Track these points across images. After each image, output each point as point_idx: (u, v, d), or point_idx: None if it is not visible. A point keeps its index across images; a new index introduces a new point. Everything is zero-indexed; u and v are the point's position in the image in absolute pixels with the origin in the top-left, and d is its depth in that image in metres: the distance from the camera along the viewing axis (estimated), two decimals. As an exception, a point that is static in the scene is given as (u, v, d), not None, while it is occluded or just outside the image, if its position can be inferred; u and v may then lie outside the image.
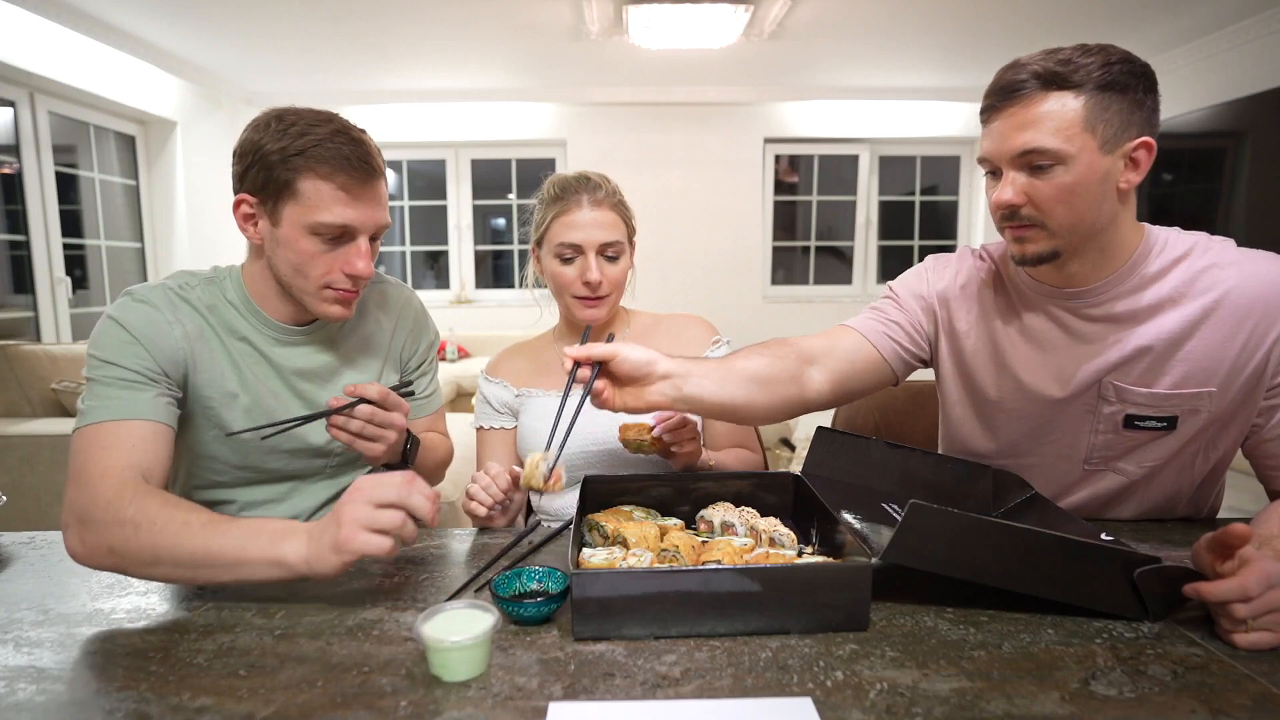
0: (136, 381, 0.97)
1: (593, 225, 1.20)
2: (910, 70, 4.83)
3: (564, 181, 1.25)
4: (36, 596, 0.85)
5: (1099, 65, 0.88)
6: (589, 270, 1.20)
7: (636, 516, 0.97)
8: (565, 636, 0.74)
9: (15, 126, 3.47)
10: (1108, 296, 1.00)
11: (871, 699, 0.63)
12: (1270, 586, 0.69)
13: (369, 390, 1.02)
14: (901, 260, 5.78)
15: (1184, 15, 3.75)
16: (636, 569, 0.79)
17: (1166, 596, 0.76)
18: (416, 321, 1.28)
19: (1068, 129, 0.89)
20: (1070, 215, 0.93)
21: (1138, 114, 0.90)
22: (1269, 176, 3.72)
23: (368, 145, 1.03)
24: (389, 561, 0.94)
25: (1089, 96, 0.89)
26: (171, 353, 1.01)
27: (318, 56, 4.34)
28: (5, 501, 1.09)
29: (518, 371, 1.33)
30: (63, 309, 3.73)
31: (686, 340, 1.32)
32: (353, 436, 1.03)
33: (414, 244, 5.73)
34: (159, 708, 0.63)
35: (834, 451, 1.09)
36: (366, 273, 1.04)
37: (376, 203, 1.04)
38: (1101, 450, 1.04)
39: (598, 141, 5.33)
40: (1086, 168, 0.90)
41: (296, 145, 0.98)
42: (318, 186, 0.99)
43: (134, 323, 1.00)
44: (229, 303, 1.09)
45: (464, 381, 4.58)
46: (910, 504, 0.75)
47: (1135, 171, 0.93)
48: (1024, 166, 0.93)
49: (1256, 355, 0.95)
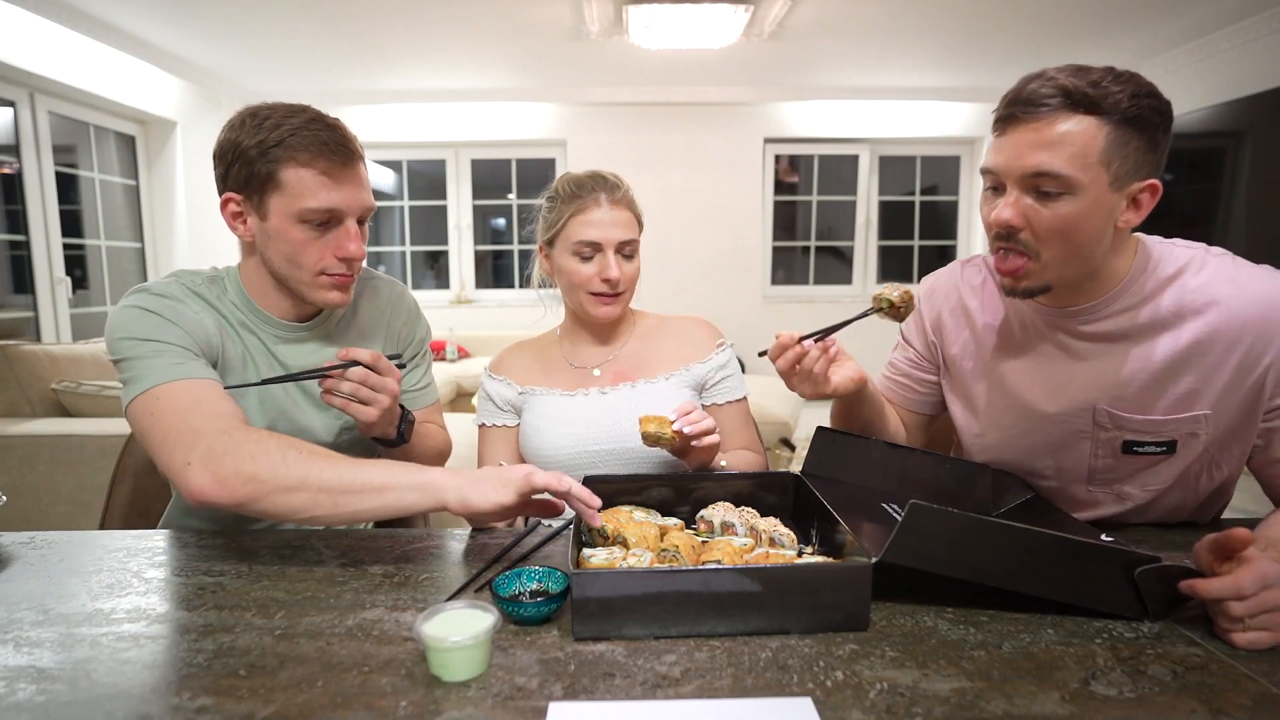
0: (188, 354, 0.98)
1: (611, 224, 1.21)
2: (910, 70, 4.83)
3: (580, 180, 1.25)
4: (36, 596, 0.85)
5: (1129, 95, 0.83)
6: (608, 268, 1.21)
7: (636, 517, 0.97)
8: (565, 636, 0.74)
9: (15, 126, 3.47)
10: (1100, 316, 0.97)
11: (871, 699, 0.63)
12: (1266, 586, 0.69)
13: (361, 354, 1.02)
14: (901, 260, 5.79)
15: (1184, 15, 3.74)
16: (637, 569, 0.79)
17: (1166, 596, 0.76)
18: (409, 315, 1.29)
19: (1085, 157, 0.84)
20: (1066, 249, 0.89)
21: (1152, 155, 0.86)
22: (1269, 176, 3.72)
23: (343, 130, 1.04)
24: (389, 561, 0.94)
25: (1113, 127, 0.83)
26: (206, 338, 1.03)
27: (318, 56, 4.34)
28: (5, 501, 1.09)
29: (522, 369, 1.33)
30: (63, 309, 3.73)
31: (692, 343, 1.32)
32: (345, 400, 1.03)
33: (414, 244, 5.73)
34: (159, 708, 0.63)
35: (834, 451, 1.09)
36: (358, 254, 1.05)
37: (359, 184, 1.05)
38: (1104, 474, 1.03)
39: (598, 141, 5.33)
40: (1094, 202, 0.86)
41: (274, 137, 0.99)
42: (299, 174, 1.00)
43: (165, 310, 1.00)
44: (231, 302, 1.10)
45: (464, 381, 4.58)
46: (910, 504, 0.75)
47: (1136, 213, 0.89)
48: (1031, 189, 0.88)
49: (1251, 377, 0.92)
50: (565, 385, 1.30)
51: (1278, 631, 0.70)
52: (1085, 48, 4.27)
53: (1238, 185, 3.90)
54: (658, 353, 1.31)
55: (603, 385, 1.29)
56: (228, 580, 0.89)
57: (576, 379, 1.30)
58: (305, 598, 0.84)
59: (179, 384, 0.93)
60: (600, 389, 1.28)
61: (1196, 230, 4.13)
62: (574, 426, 1.24)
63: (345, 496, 0.84)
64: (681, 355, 1.31)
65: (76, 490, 2.35)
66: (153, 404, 0.92)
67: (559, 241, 1.24)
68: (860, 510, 0.99)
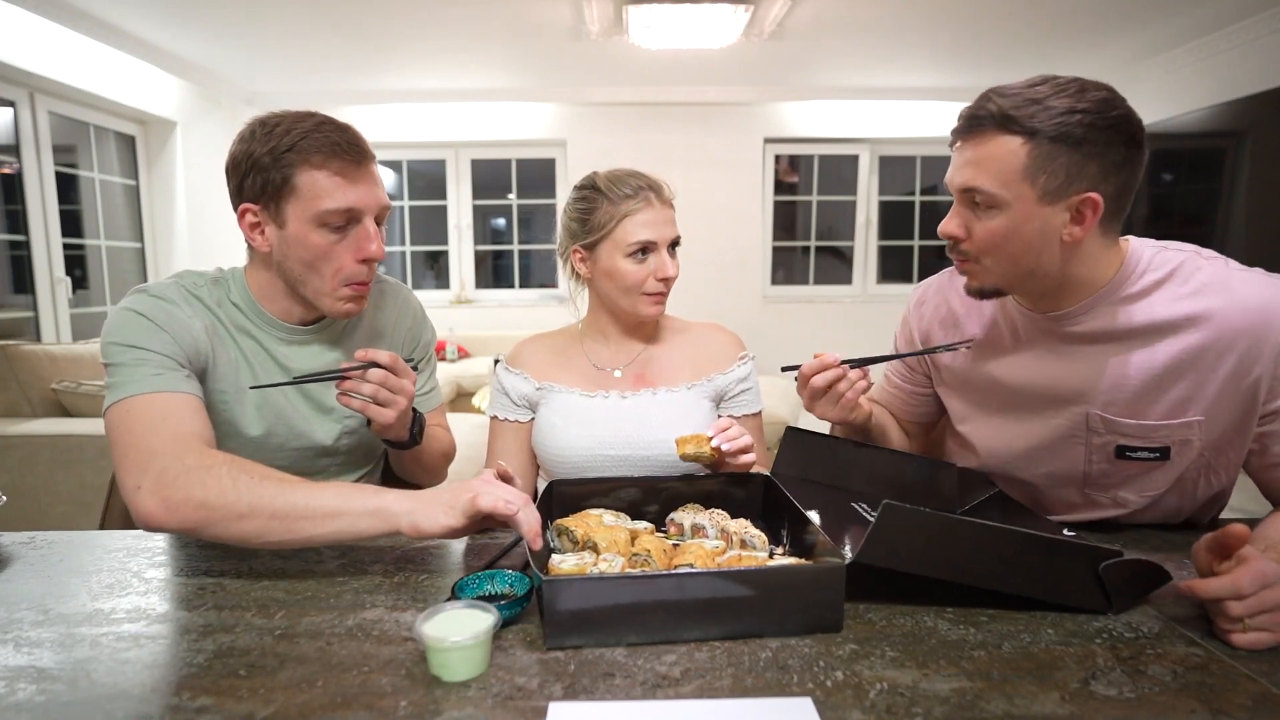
0: (169, 364, 0.97)
1: (665, 222, 1.22)
2: (910, 70, 4.83)
3: (624, 179, 1.23)
4: (36, 596, 0.85)
5: (1059, 112, 0.85)
6: (664, 266, 1.21)
7: (606, 521, 0.96)
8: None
9: (15, 126, 3.47)
10: (1086, 318, 0.97)
11: (871, 699, 0.63)
12: (1264, 585, 0.69)
13: (380, 355, 1.02)
14: (901, 260, 5.79)
15: (1184, 15, 3.74)
16: (609, 575, 0.77)
17: (1130, 589, 0.78)
18: (416, 318, 1.29)
19: (1006, 174, 0.88)
20: (1005, 259, 0.93)
21: (1091, 167, 0.87)
22: (1269, 176, 3.72)
23: (354, 131, 1.05)
24: (389, 561, 0.94)
25: (1034, 146, 0.86)
26: (194, 345, 1.02)
27: (318, 56, 4.34)
28: (5, 501, 1.09)
29: (539, 363, 1.30)
30: (63, 309, 3.73)
31: (714, 352, 1.31)
32: (364, 402, 1.03)
33: (414, 244, 5.73)
34: (159, 708, 0.63)
35: (803, 451, 1.09)
36: (378, 254, 1.05)
37: (375, 183, 1.05)
38: (1099, 479, 1.03)
39: (598, 141, 5.33)
40: (1022, 216, 0.89)
41: (285, 142, 0.99)
42: (314, 177, 1.00)
43: (156, 314, 1.00)
44: (234, 304, 1.10)
45: (464, 381, 4.58)
46: (883, 504, 0.75)
47: (1080, 225, 0.89)
48: (968, 203, 0.93)
49: (1244, 383, 0.92)
50: (585, 385, 1.28)
51: (1277, 632, 0.70)
52: (1085, 48, 4.27)
53: (1238, 185, 3.90)
54: (680, 359, 1.30)
55: (623, 389, 1.27)
56: (228, 580, 0.89)
57: (597, 380, 1.28)
58: (305, 598, 0.84)
59: (152, 397, 0.93)
60: (621, 393, 1.26)
61: (1196, 230, 4.14)
62: (593, 429, 1.23)
63: (298, 522, 0.83)
64: (703, 364, 1.29)
65: (76, 490, 2.35)
66: (123, 415, 0.92)
67: (606, 243, 1.21)
68: (830, 509, 0.99)
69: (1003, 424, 1.08)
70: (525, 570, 0.83)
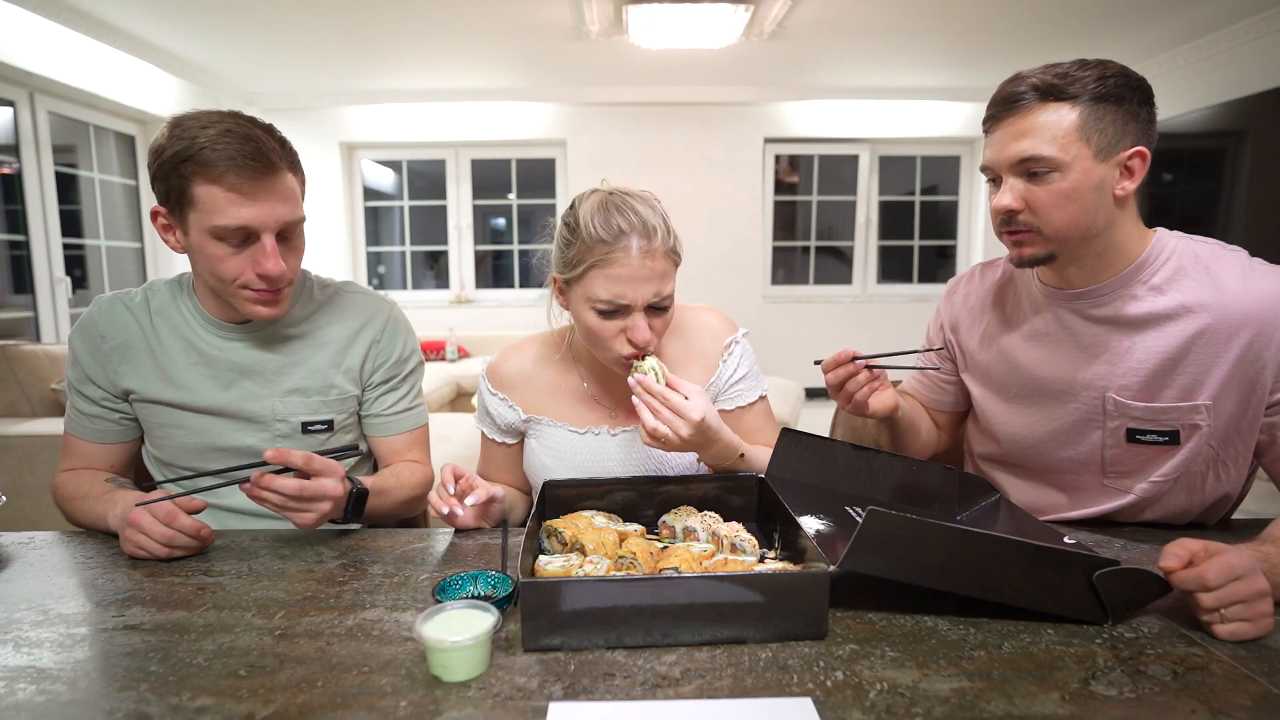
0: (83, 400, 1.13)
1: (643, 279, 1.00)
2: (910, 70, 4.83)
3: (613, 217, 1.01)
4: (36, 596, 0.85)
5: (1094, 78, 0.92)
6: (637, 331, 1.02)
7: (597, 523, 0.95)
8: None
9: (15, 126, 3.47)
10: (1109, 298, 1.01)
11: (871, 699, 0.63)
12: (1233, 578, 0.71)
13: (293, 458, 0.94)
14: (901, 260, 5.79)
15: (1184, 15, 3.75)
16: (588, 578, 0.77)
17: (1126, 599, 0.76)
18: (386, 332, 1.20)
19: (1063, 138, 0.93)
20: (1066, 219, 0.96)
21: (1132, 125, 0.94)
22: (1269, 176, 3.71)
23: (259, 141, 0.97)
24: (389, 561, 0.94)
25: (1084, 108, 0.93)
26: (103, 369, 1.12)
27: (318, 56, 4.34)
28: (5, 501, 1.09)
29: (526, 388, 1.21)
30: (62, 309, 3.73)
31: (700, 349, 1.21)
32: (277, 507, 0.95)
33: (414, 244, 5.73)
34: (159, 708, 0.63)
35: (799, 453, 1.07)
36: (275, 271, 1.00)
37: (276, 198, 0.99)
38: (1114, 465, 1.05)
39: (598, 141, 5.33)
40: (1082, 174, 0.94)
41: (184, 151, 0.96)
42: (209, 191, 0.97)
43: (76, 344, 1.12)
44: (181, 302, 1.12)
45: (464, 381, 4.59)
46: (869, 510, 0.74)
47: (1130, 179, 0.96)
48: (1022, 174, 0.97)
49: (1250, 371, 0.96)
50: (574, 420, 1.19)
51: (1259, 622, 0.71)
52: (1085, 48, 4.27)
53: (1238, 185, 3.90)
54: (669, 363, 1.18)
55: (613, 425, 1.18)
56: (228, 580, 0.89)
57: (587, 414, 1.19)
58: (305, 598, 0.84)
59: (70, 438, 1.16)
60: (610, 430, 1.18)
61: (1196, 231, 4.11)
62: (580, 470, 1.17)
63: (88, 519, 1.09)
64: (694, 369, 1.20)
65: (76, 490, 2.34)
66: (64, 440, 1.17)
67: (576, 287, 1.04)
68: (825, 513, 0.98)
69: (1023, 410, 1.11)
70: (505, 571, 0.84)
